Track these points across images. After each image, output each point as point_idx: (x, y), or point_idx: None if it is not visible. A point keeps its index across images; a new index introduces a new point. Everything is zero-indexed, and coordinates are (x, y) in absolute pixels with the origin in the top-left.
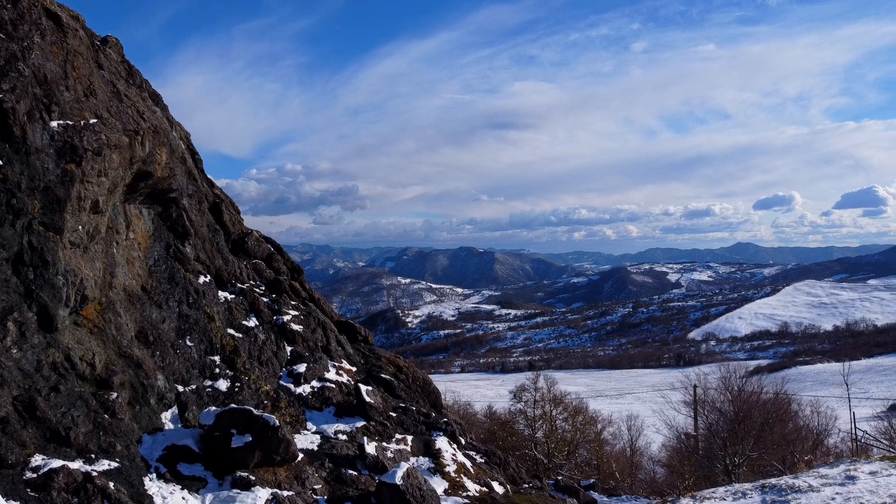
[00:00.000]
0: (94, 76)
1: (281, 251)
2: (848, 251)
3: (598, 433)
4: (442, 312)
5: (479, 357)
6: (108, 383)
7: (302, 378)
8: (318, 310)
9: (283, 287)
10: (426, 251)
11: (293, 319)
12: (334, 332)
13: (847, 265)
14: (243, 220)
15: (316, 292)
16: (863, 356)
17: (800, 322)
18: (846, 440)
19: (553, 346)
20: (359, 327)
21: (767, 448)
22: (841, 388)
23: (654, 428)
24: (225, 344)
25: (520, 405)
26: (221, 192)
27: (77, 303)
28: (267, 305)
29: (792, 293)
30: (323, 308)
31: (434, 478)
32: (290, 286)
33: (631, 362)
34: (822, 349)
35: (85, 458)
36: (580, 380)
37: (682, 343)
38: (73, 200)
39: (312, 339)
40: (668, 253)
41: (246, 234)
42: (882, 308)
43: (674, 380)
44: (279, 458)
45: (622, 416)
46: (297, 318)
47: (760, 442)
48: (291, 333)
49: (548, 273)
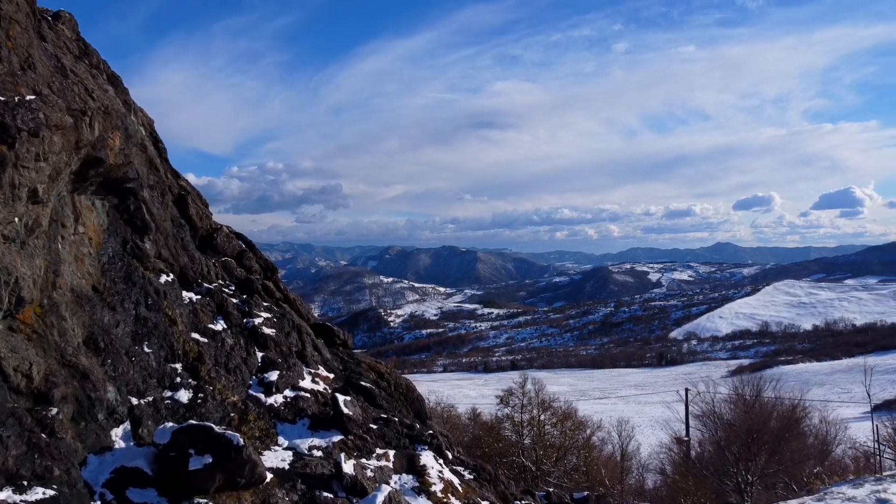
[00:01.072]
0: (35, 48)
1: (253, 248)
2: (825, 251)
3: (587, 438)
4: (424, 312)
5: (461, 356)
6: (47, 397)
7: (273, 387)
8: (293, 311)
9: (255, 287)
10: (409, 250)
11: (265, 322)
12: (310, 335)
13: (824, 265)
14: (212, 215)
15: (291, 293)
16: (843, 356)
17: (780, 322)
18: (846, 449)
19: (535, 345)
20: (337, 330)
21: (784, 464)
22: (823, 389)
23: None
24: (188, 350)
25: (507, 410)
26: (188, 184)
27: (11, 305)
28: (236, 307)
29: (772, 293)
30: (298, 309)
31: (419, 499)
32: (262, 286)
33: (613, 362)
34: (802, 348)
35: (15, 486)
36: (563, 379)
37: (664, 342)
38: (5, 188)
39: (286, 344)
40: (649, 252)
41: (215, 229)
42: (860, 308)
43: (656, 379)
44: (244, 480)
45: (610, 419)
46: (270, 320)
47: (775, 457)
48: (263, 338)
49: (530, 272)
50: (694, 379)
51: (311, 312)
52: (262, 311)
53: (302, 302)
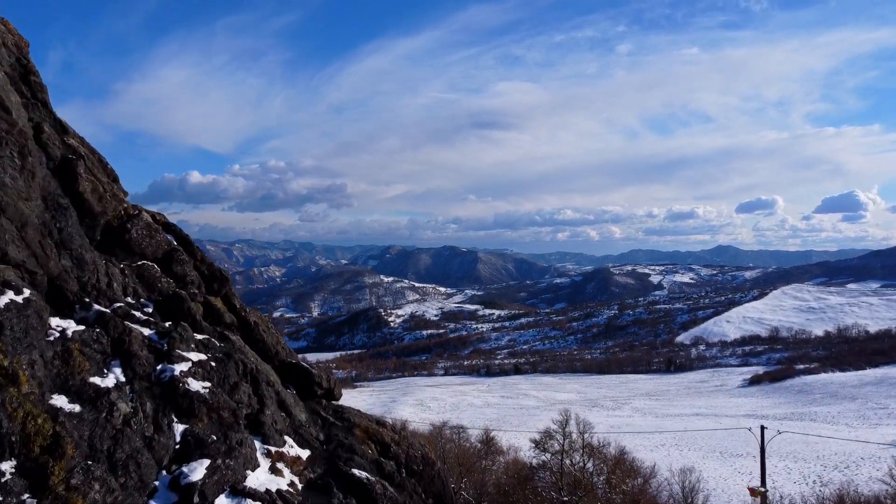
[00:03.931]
0: None
1: (190, 247)
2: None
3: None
4: (425, 312)
5: (462, 359)
6: None
7: (196, 493)
8: (250, 346)
9: (187, 307)
10: (409, 250)
11: (195, 370)
12: (274, 385)
13: (827, 269)
14: (125, 195)
15: (254, 313)
16: (866, 365)
17: (789, 327)
18: None
19: (538, 347)
20: (317, 374)
21: None
22: (855, 403)
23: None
24: (34, 432)
25: (545, 457)
26: (83, 144)
27: None
28: (148, 343)
29: (779, 297)
30: (260, 341)
31: None
32: (203, 305)
33: (620, 366)
34: (816, 355)
35: None
36: (570, 385)
37: (671, 347)
38: None
39: (228, 406)
40: (650, 254)
41: (129, 216)
42: (871, 313)
43: (668, 387)
44: None
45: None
46: (205, 366)
47: None
48: (187, 398)
49: (530, 273)
50: (708, 387)
51: (280, 343)
52: (194, 348)
53: (268, 326)
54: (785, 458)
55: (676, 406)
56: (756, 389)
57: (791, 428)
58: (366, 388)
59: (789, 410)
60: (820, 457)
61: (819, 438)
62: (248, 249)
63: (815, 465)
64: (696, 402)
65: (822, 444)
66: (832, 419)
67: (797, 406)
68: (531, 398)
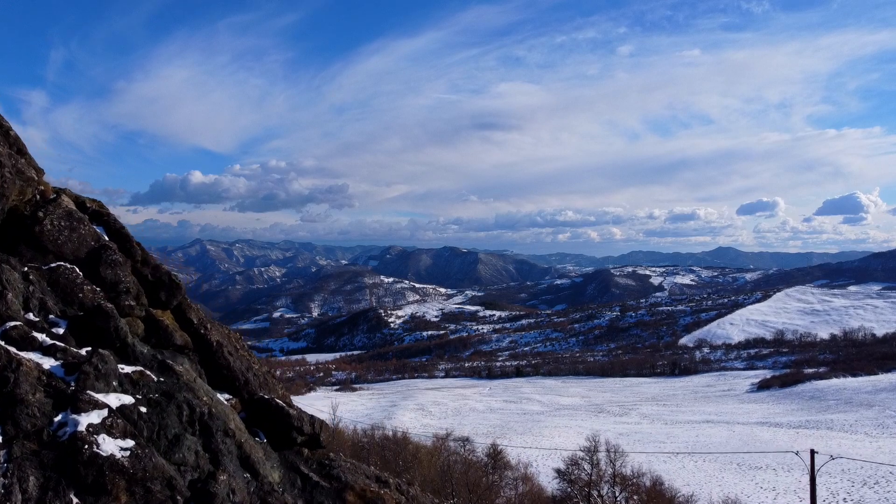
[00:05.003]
0: None
1: (128, 243)
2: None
3: None
4: (425, 313)
5: (463, 360)
6: None
7: None
8: (211, 374)
9: (113, 327)
10: (409, 250)
11: (113, 420)
12: (235, 435)
13: (828, 271)
14: (41, 173)
15: (218, 329)
16: (878, 370)
17: (794, 330)
18: None
19: (540, 349)
20: (296, 415)
21: None
22: (872, 411)
23: None
24: None
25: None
26: None
27: None
28: (47, 381)
29: (783, 299)
30: (225, 364)
31: None
32: (145, 321)
33: (623, 369)
34: (824, 359)
35: None
36: (573, 389)
37: (674, 349)
38: None
39: (161, 475)
40: (651, 256)
41: (42, 201)
42: (876, 316)
43: (674, 391)
44: None
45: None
46: (131, 412)
47: None
48: (94, 467)
49: (531, 274)
50: (716, 392)
51: (253, 368)
52: (118, 387)
53: (237, 346)
54: (808, 471)
55: (685, 412)
56: (766, 395)
57: (808, 437)
58: (365, 391)
59: (803, 418)
60: (845, 471)
61: (841, 448)
62: (248, 249)
63: (841, 480)
64: (706, 408)
65: (845, 454)
66: (850, 428)
67: (811, 413)
68: (535, 402)
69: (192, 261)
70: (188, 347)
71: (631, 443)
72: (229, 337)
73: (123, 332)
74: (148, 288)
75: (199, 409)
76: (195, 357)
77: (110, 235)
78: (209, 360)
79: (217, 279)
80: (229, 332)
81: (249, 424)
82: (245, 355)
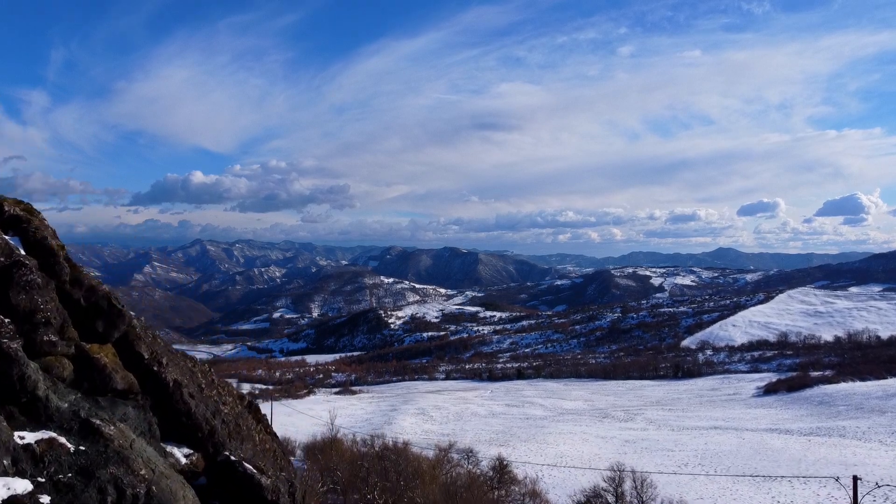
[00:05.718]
0: None
1: (51, 258)
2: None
3: None
4: (425, 314)
5: (464, 362)
6: None
7: None
8: (166, 421)
9: (17, 375)
10: (409, 251)
11: None
12: None
13: (828, 272)
14: None
15: (177, 364)
16: (887, 374)
17: (798, 332)
18: None
19: (541, 351)
20: (270, 485)
21: None
22: (885, 417)
23: None
24: None
25: None
26: None
27: None
28: None
29: (786, 301)
30: (184, 409)
31: None
32: (74, 361)
33: (626, 372)
34: (829, 362)
35: None
36: (575, 392)
37: (677, 352)
38: None
39: None
40: (651, 257)
41: None
42: (880, 318)
43: (679, 395)
44: None
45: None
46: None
47: None
48: None
49: (531, 275)
50: (721, 396)
51: (222, 412)
52: (12, 467)
53: (204, 384)
54: (826, 484)
55: (691, 417)
56: (773, 399)
57: (821, 445)
58: (365, 395)
59: (814, 425)
60: (864, 483)
61: (856, 458)
62: (248, 250)
63: (860, 492)
64: (712, 414)
65: (861, 466)
66: (862, 435)
67: (821, 419)
68: (537, 406)
69: (192, 261)
70: (133, 392)
71: (638, 450)
72: (193, 372)
73: (33, 381)
74: (80, 316)
75: (131, 490)
76: (146, 401)
77: (28, 248)
78: (164, 405)
79: (217, 279)
80: (194, 364)
81: (209, 496)
82: (212, 395)
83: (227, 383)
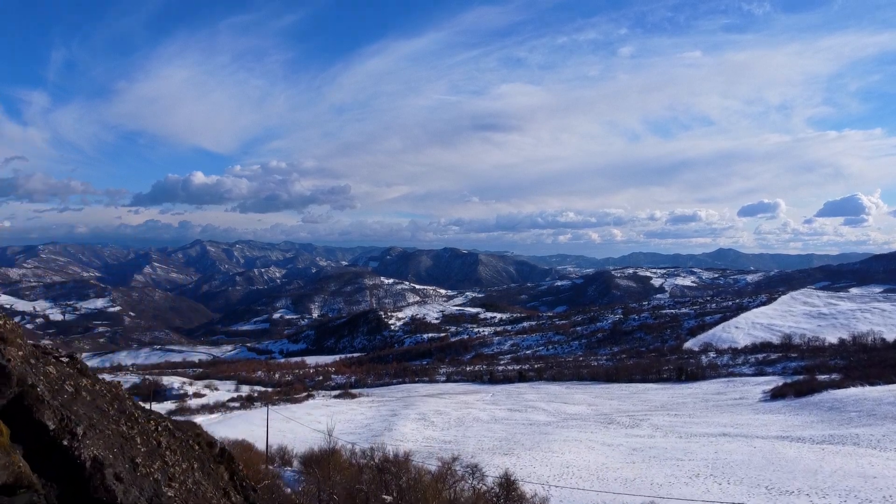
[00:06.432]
0: None
1: None
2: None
3: None
4: (426, 315)
5: (465, 364)
6: None
7: None
8: None
9: None
10: (410, 251)
11: None
12: None
13: (829, 273)
14: None
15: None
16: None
17: (801, 334)
18: None
19: (542, 352)
20: None
21: None
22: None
23: None
24: None
25: None
26: None
27: None
28: None
29: (789, 302)
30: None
31: None
32: None
33: (629, 375)
34: (835, 365)
35: None
36: (578, 396)
37: (679, 354)
38: None
39: None
40: (651, 257)
41: None
42: (884, 320)
43: (684, 399)
44: None
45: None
46: None
47: None
48: None
49: (531, 275)
50: (727, 401)
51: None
52: None
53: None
54: (845, 496)
55: (699, 423)
56: (781, 405)
57: (836, 454)
58: (365, 398)
59: (826, 432)
60: (886, 497)
61: (874, 469)
62: (248, 250)
63: None
64: (720, 419)
65: (882, 478)
66: (877, 443)
67: (833, 426)
68: (540, 411)
69: (193, 261)
70: (25, 486)
71: (647, 459)
72: (128, 439)
73: None
74: None
75: None
76: (49, 491)
77: None
78: (78, 495)
79: (217, 280)
80: (136, 416)
81: None
82: (154, 470)
83: (185, 430)
